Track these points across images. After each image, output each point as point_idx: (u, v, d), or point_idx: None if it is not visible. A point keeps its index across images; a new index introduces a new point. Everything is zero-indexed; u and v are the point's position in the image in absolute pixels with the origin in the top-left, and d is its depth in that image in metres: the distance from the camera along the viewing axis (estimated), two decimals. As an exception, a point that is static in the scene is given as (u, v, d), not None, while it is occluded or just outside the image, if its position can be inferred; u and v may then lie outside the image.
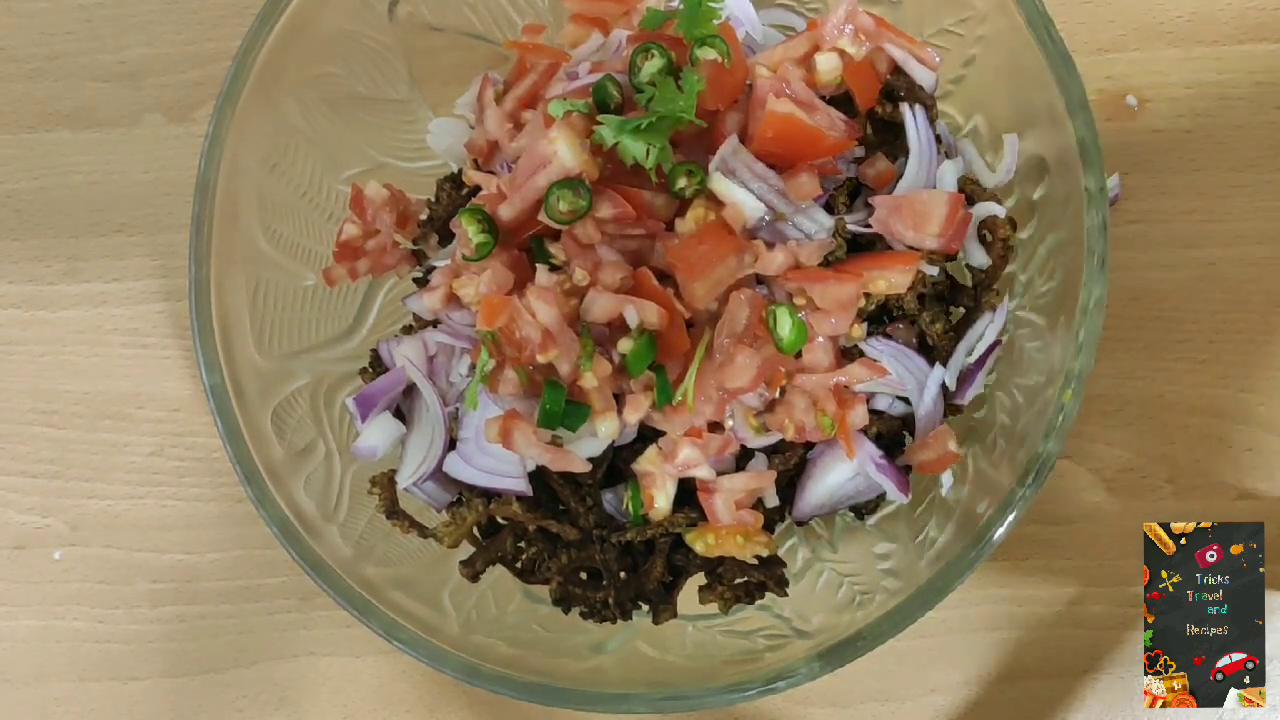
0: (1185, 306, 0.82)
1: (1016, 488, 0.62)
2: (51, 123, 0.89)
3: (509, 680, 0.64)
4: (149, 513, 0.85)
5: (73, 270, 0.88)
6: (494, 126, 0.72)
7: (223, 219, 0.68)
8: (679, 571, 0.70)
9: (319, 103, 0.73)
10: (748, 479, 0.67)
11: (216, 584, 0.84)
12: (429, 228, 0.75)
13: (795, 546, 0.74)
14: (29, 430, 0.87)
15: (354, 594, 0.65)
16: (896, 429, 0.70)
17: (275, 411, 0.69)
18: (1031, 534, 0.80)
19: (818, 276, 0.64)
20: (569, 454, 0.65)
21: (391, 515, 0.70)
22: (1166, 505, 0.80)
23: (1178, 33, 0.83)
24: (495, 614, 0.71)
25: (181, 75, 0.88)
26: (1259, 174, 0.82)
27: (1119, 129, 0.83)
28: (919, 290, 0.68)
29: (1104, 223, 0.62)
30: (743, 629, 0.71)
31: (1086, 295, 0.62)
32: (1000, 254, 0.69)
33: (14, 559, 0.85)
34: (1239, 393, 0.81)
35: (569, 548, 0.69)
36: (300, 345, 0.73)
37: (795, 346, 0.63)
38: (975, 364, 0.69)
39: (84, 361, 0.87)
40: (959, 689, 0.80)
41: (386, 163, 0.78)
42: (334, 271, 0.73)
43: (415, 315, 0.74)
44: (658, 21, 0.67)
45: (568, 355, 0.63)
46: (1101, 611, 0.79)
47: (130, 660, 0.84)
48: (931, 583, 0.63)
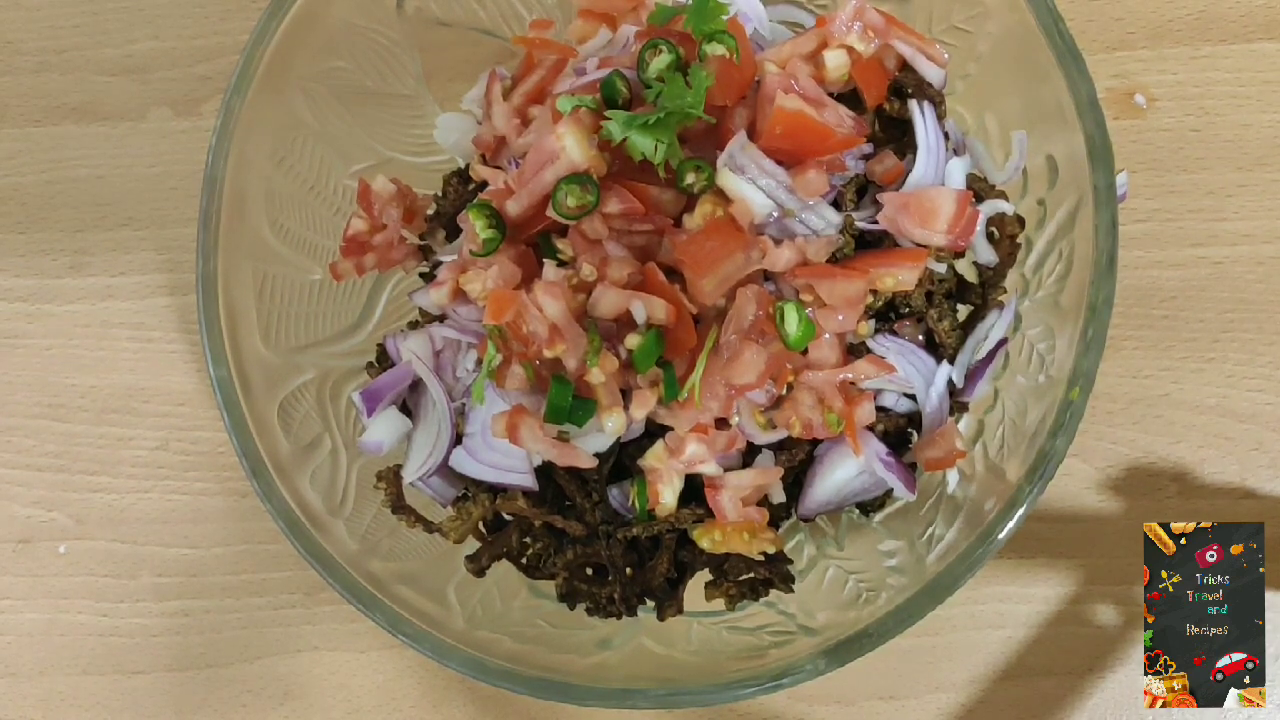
0: (1192, 305, 0.82)
1: (1023, 485, 0.62)
2: (58, 116, 0.89)
3: (514, 675, 0.64)
4: (154, 507, 0.85)
5: (79, 264, 0.88)
6: (501, 122, 0.71)
7: (230, 213, 0.68)
8: (684, 567, 0.70)
9: (327, 97, 0.73)
10: (754, 475, 0.67)
11: (221, 578, 0.84)
12: (436, 223, 0.75)
13: (801, 543, 0.74)
14: (35, 424, 0.87)
15: (359, 588, 0.65)
16: (903, 426, 0.70)
17: (281, 406, 0.69)
18: (1037, 532, 0.80)
19: (825, 273, 0.64)
20: (575, 449, 0.65)
21: (397, 510, 0.70)
22: (1172, 504, 0.80)
23: (1186, 31, 0.83)
24: (500, 609, 0.71)
25: (188, 69, 0.88)
26: (1267, 173, 0.82)
27: (1127, 127, 0.83)
28: (927, 287, 0.68)
29: (1113, 221, 0.62)
30: (748, 625, 0.71)
31: (1094, 293, 0.62)
32: (1008, 251, 0.69)
33: (19, 552, 0.85)
34: (1245, 391, 0.81)
35: (575, 543, 0.69)
36: (307, 340, 0.73)
37: (802, 343, 0.63)
38: (982, 361, 0.69)
39: (90, 355, 0.87)
40: (963, 687, 0.80)
41: (394, 158, 0.78)
42: (341, 266, 0.73)
43: (422, 310, 0.74)
44: (666, 17, 0.67)
45: (575, 350, 0.63)
46: (1107, 610, 0.79)
47: (134, 654, 0.84)
48: (937, 580, 0.63)
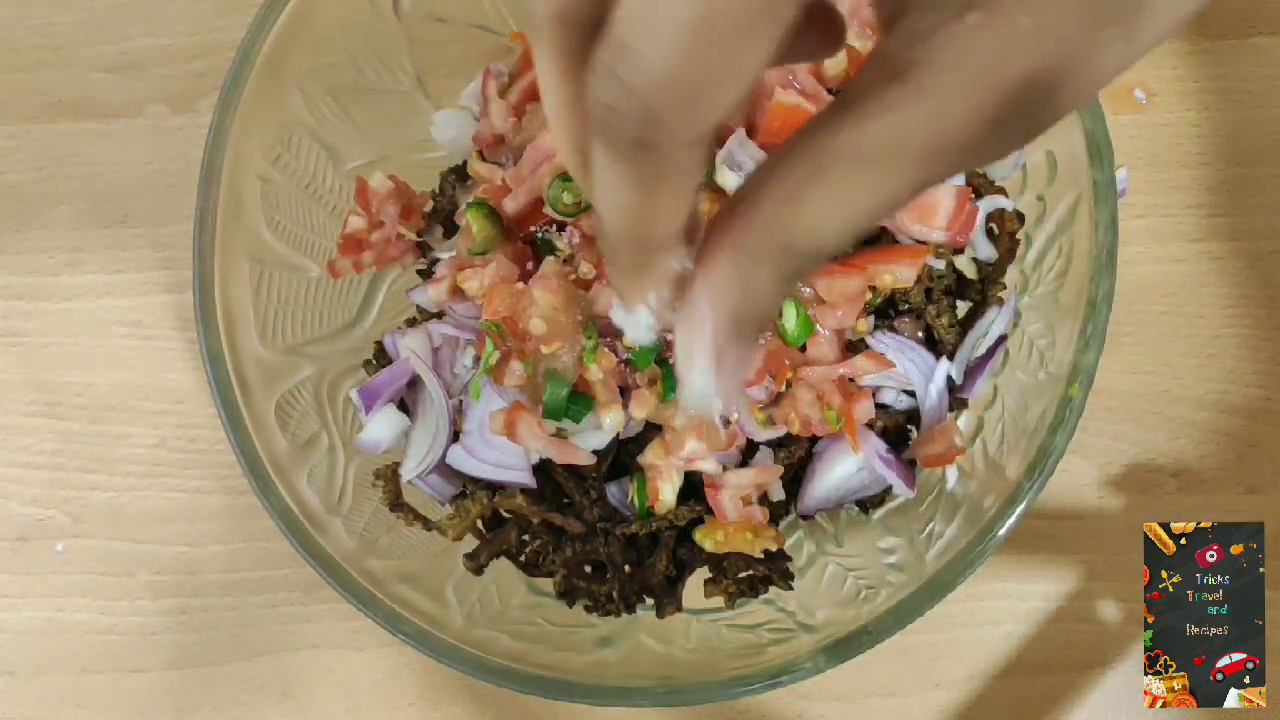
0: (1192, 301, 0.82)
1: (1023, 482, 0.62)
2: (53, 113, 0.89)
3: (513, 674, 0.64)
4: (152, 505, 0.85)
5: (75, 262, 0.87)
6: (498, 119, 0.71)
7: (226, 211, 0.68)
8: (683, 565, 0.70)
9: (323, 94, 0.72)
10: (755, 474, 0.67)
11: (219, 576, 0.84)
12: (433, 220, 0.75)
13: (800, 540, 0.74)
14: (31, 422, 0.86)
15: (358, 587, 0.65)
16: (902, 423, 0.70)
17: (279, 403, 0.69)
18: (1037, 528, 0.80)
19: (824, 269, 0.64)
20: (574, 446, 0.65)
21: (395, 508, 0.70)
22: (1172, 500, 0.80)
23: (1187, 26, 0.83)
24: (499, 607, 0.71)
25: (185, 66, 0.88)
26: (1267, 168, 0.82)
27: (1127, 122, 0.83)
28: (926, 284, 0.68)
29: (1112, 217, 0.62)
30: (747, 623, 0.71)
31: (1094, 289, 0.62)
32: (1007, 247, 0.69)
33: (16, 551, 0.85)
34: (1245, 388, 0.81)
35: (573, 541, 0.69)
36: (304, 337, 0.73)
37: (801, 339, 0.63)
38: (982, 358, 0.69)
39: (87, 353, 0.87)
40: (963, 684, 0.80)
41: (391, 154, 0.77)
42: (339, 263, 0.73)
43: (420, 307, 0.74)
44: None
45: (572, 348, 0.63)
46: (1107, 606, 0.79)
47: (133, 652, 0.84)
48: (937, 577, 0.63)
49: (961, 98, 0.28)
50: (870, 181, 0.30)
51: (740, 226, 0.32)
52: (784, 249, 0.31)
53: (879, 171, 0.30)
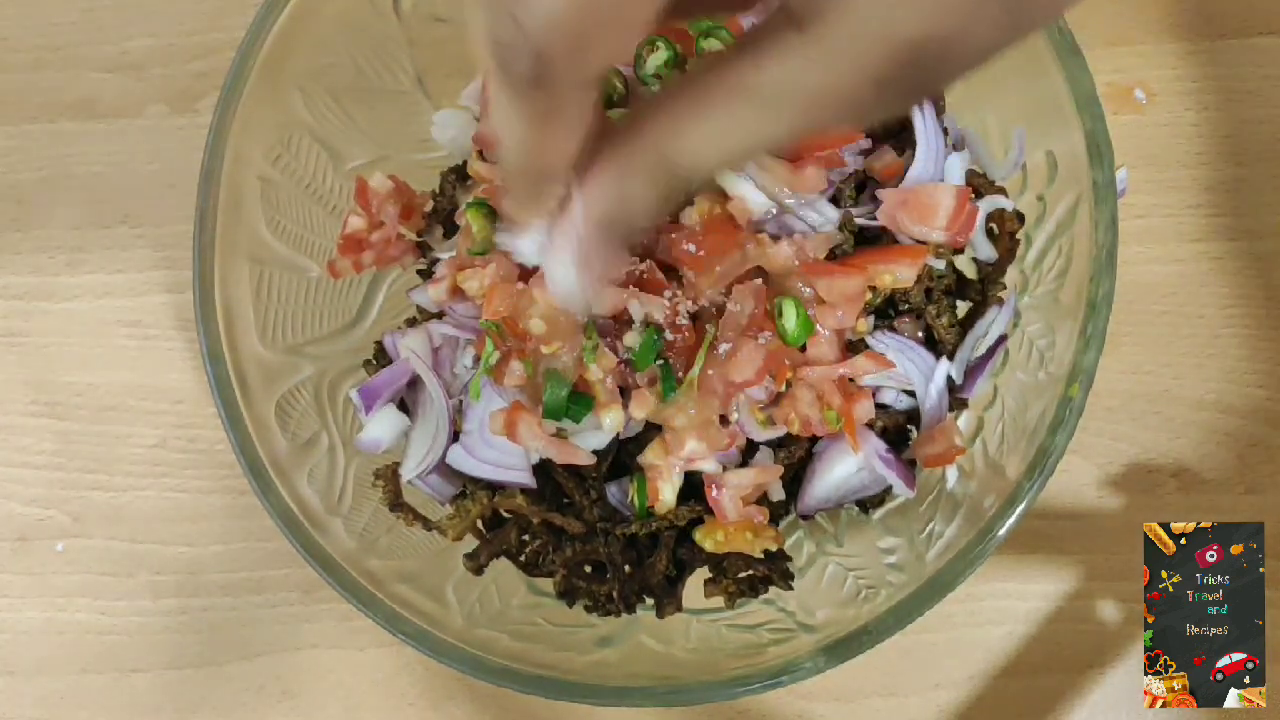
0: (1192, 301, 0.82)
1: (1023, 482, 0.62)
2: (54, 113, 0.89)
3: (513, 674, 0.64)
4: (152, 505, 0.85)
5: (75, 262, 0.87)
6: (498, 118, 0.71)
7: (226, 211, 0.68)
8: (683, 565, 0.70)
9: (323, 94, 0.73)
10: (755, 474, 0.67)
11: (219, 576, 0.84)
12: (433, 220, 0.75)
13: (800, 540, 0.74)
14: (32, 422, 0.86)
15: (358, 587, 0.65)
16: (902, 423, 0.70)
17: (279, 404, 0.69)
18: (1037, 528, 0.80)
19: (824, 270, 0.64)
20: (574, 446, 0.65)
21: (395, 508, 0.70)
22: (1172, 500, 0.80)
23: (1186, 26, 0.83)
24: (499, 607, 0.71)
25: (185, 66, 0.88)
26: (1266, 168, 0.82)
27: (1127, 122, 0.83)
28: (926, 284, 0.68)
29: (1112, 217, 0.62)
30: (747, 623, 0.71)
31: (1094, 289, 0.62)
32: (1007, 247, 0.69)
33: (16, 551, 0.85)
34: (1245, 388, 0.81)
35: (573, 541, 0.69)
36: (304, 337, 0.73)
37: (801, 339, 0.63)
38: (982, 358, 0.69)
39: (87, 353, 0.87)
40: (963, 684, 0.80)
41: (391, 154, 0.77)
42: (339, 263, 0.73)
43: (420, 307, 0.74)
44: (664, 13, 0.67)
45: (572, 348, 0.63)
46: (1107, 606, 0.79)
47: (133, 652, 0.84)
48: (937, 577, 0.63)
49: (852, 55, 0.30)
50: (755, 119, 0.32)
51: (625, 140, 0.35)
52: (662, 166, 0.34)
53: (765, 111, 0.32)
